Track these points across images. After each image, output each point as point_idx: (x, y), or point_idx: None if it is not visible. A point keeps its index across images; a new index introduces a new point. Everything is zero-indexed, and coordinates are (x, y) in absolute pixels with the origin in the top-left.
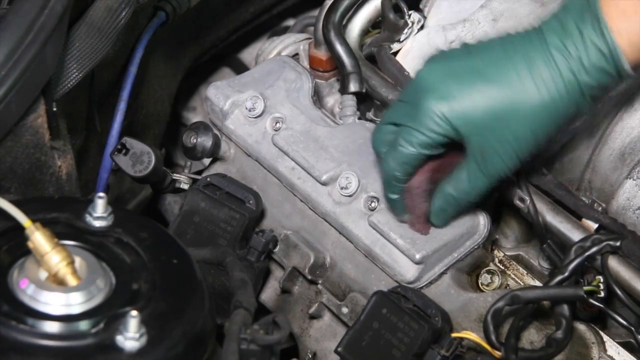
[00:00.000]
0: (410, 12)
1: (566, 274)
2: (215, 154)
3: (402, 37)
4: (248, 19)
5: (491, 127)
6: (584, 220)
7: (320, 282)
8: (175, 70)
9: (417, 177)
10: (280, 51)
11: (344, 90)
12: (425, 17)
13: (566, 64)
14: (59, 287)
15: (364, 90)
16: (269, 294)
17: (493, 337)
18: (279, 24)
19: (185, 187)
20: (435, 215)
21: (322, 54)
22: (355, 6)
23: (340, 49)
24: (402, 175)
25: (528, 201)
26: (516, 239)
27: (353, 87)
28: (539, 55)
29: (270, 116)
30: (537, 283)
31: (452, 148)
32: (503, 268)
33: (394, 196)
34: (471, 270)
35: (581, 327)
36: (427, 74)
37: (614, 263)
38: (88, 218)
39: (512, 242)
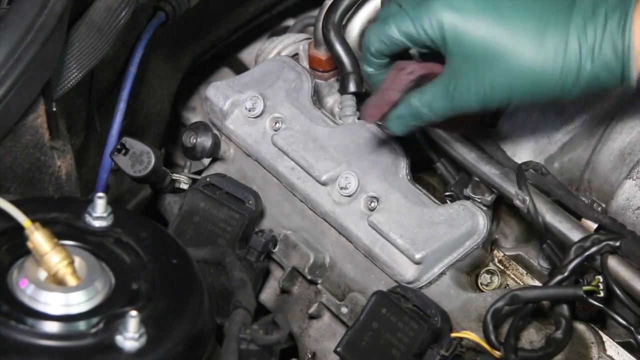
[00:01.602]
0: None
1: (566, 273)
2: (214, 154)
3: None
4: (248, 19)
5: (475, 60)
6: (583, 220)
7: (319, 282)
8: (175, 70)
9: (415, 67)
10: (280, 51)
11: (343, 90)
12: None
13: (576, 44)
14: (59, 287)
15: (363, 90)
16: (269, 294)
17: (492, 337)
18: (279, 24)
19: (185, 187)
20: (392, 118)
21: (321, 54)
22: (355, 6)
23: (339, 48)
24: (375, 51)
25: (528, 201)
26: (516, 239)
27: (353, 87)
28: (556, 26)
29: (269, 116)
30: (537, 283)
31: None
32: (502, 268)
33: (369, 69)
34: (471, 270)
35: (581, 327)
36: None
37: (613, 263)
38: (88, 218)
39: (512, 242)
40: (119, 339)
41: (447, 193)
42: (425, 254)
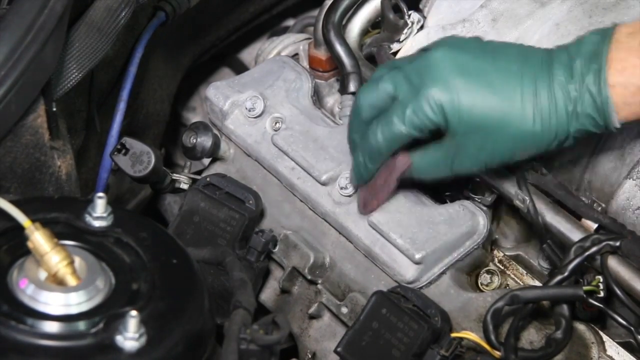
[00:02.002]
0: (410, 12)
1: (566, 273)
2: (214, 154)
3: (402, 37)
4: (248, 19)
5: (477, 132)
6: (583, 220)
7: (319, 282)
8: (175, 70)
9: (407, 157)
10: (280, 51)
11: (343, 90)
12: (424, 17)
13: (564, 103)
14: (59, 287)
15: None
16: (269, 294)
17: (492, 337)
18: (279, 24)
19: (185, 187)
20: None
21: (321, 54)
22: (355, 6)
23: (339, 48)
24: (386, 150)
25: (528, 201)
26: (516, 239)
27: (353, 87)
28: (544, 86)
29: (269, 116)
30: (537, 283)
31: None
32: (503, 268)
33: (372, 166)
34: (471, 270)
35: (581, 327)
36: (438, 60)
37: (613, 263)
38: (88, 218)
39: (512, 242)
40: (119, 339)
41: (447, 193)
42: (425, 254)
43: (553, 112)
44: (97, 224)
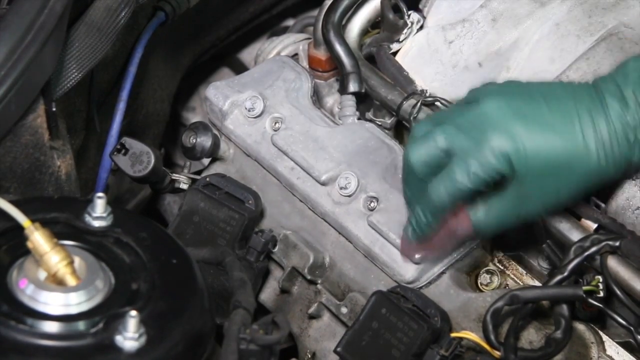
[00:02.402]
0: (409, 12)
1: (565, 273)
2: (214, 154)
3: (402, 37)
4: (248, 19)
5: (545, 176)
6: (583, 220)
7: (319, 282)
8: (174, 70)
9: (466, 224)
10: (280, 51)
11: (343, 90)
12: (424, 17)
13: (624, 133)
14: (58, 287)
15: (363, 90)
16: (268, 293)
17: (492, 337)
18: (279, 24)
19: (185, 187)
20: None
21: (321, 54)
22: (355, 6)
23: (339, 48)
24: (450, 206)
25: None
26: (516, 238)
27: (352, 87)
28: (601, 120)
29: (269, 116)
30: (537, 283)
31: None
32: (502, 268)
33: (433, 222)
34: (470, 270)
35: (580, 327)
36: (493, 109)
37: (613, 263)
38: (87, 218)
39: (512, 242)
40: (118, 339)
41: None
42: (424, 254)
43: (615, 144)
44: (96, 224)
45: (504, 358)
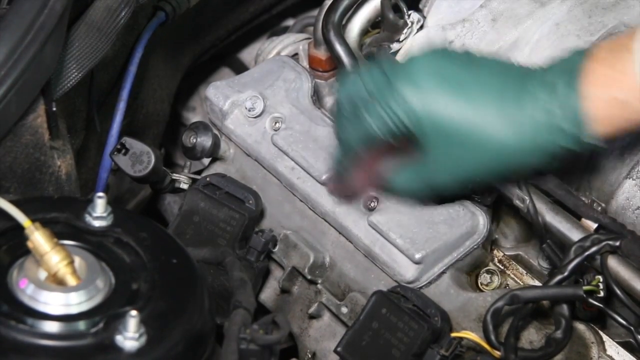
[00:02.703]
0: (409, 12)
1: (565, 273)
2: (214, 154)
3: (402, 37)
4: (248, 18)
5: (451, 143)
6: (583, 220)
7: (319, 282)
8: (174, 70)
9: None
10: (280, 51)
11: None
12: (424, 17)
13: (538, 117)
14: (59, 287)
15: None
16: (269, 293)
17: (492, 337)
18: (279, 24)
19: (185, 187)
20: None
21: (321, 53)
22: (355, 6)
23: (339, 48)
24: (359, 148)
25: (528, 201)
26: (516, 238)
27: None
28: (518, 100)
29: (269, 116)
30: (537, 283)
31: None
32: (502, 268)
33: (348, 165)
34: (471, 270)
35: (580, 326)
36: (418, 64)
37: (613, 263)
38: (87, 218)
39: (512, 242)
40: (118, 338)
41: None
42: (425, 254)
43: (527, 124)
44: (97, 223)
45: (504, 358)
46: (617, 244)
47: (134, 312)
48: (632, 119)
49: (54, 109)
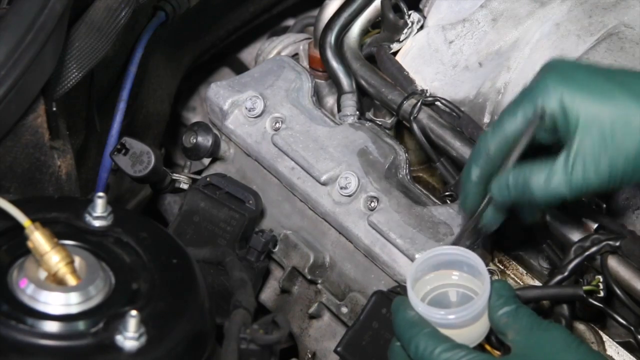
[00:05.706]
0: (409, 12)
1: (566, 273)
2: (214, 154)
3: (402, 37)
4: (248, 19)
5: (603, 134)
6: (583, 220)
7: (319, 282)
8: (175, 70)
9: None
10: (280, 51)
11: (340, 110)
12: (424, 17)
13: None
14: (59, 286)
15: (357, 113)
16: (269, 293)
17: (493, 337)
18: (279, 24)
19: (185, 187)
20: (497, 181)
21: None
22: (354, 15)
23: (336, 67)
24: (498, 151)
25: None
26: (516, 238)
27: (349, 110)
28: None
29: (269, 116)
30: (537, 283)
31: None
32: (502, 268)
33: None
34: None
35: (581, 326)
36: (557, 63)
37: (613, 263)
38: (88, 218)
39: (512, 242)
40: (119, 338)
41: (447, 193)
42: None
43: None
44: (97, 223)
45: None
46: (617, 244)
47: (134, 312)
48: None
49: (54, 109)
